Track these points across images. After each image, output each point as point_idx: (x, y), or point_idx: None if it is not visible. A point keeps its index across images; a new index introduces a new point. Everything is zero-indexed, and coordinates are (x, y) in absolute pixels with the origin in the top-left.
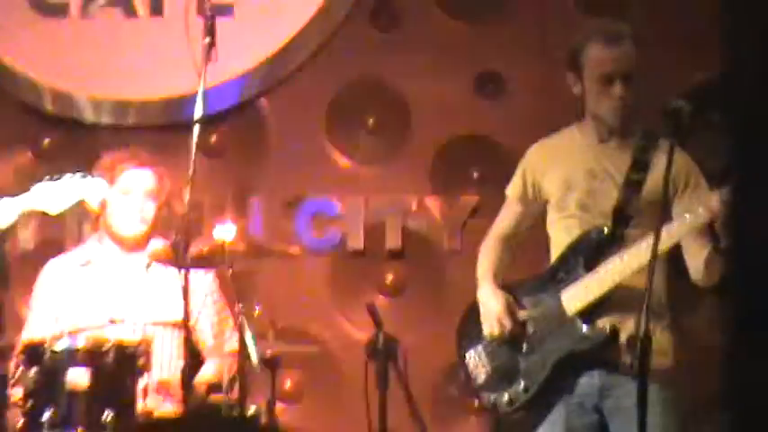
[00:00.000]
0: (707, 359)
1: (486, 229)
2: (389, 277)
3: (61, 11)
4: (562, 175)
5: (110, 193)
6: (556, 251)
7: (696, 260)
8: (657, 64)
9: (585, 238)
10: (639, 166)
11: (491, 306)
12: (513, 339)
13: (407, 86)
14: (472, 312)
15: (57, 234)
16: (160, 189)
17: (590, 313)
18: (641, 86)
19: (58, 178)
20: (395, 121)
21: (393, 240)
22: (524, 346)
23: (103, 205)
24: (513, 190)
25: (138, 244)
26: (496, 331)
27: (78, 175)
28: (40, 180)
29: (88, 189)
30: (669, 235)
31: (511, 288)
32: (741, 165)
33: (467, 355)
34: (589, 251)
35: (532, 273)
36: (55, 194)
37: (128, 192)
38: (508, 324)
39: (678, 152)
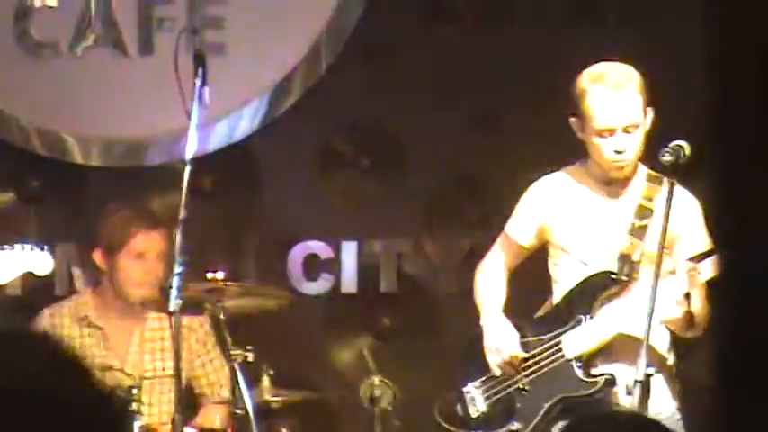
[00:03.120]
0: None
1: None
2: (384, 321)
3: (50, 50)
4: (567, 217)
5: (120, 257)
6: (559, 293)
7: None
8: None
9: (589, 283)
10: (644, 212)
11: (498, 337)
12: (515, 373)
13: (401, 127)
14: (472, 346)
15: (46, 278)
16: (167, 246)
17: (589, 359)
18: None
19: (7, 248)
20: (389, 163)
21: (388, 283)
22: (521, 386)
23: (111, 266)
24: (513, 226)
25: (151, 302)
26: (504, 359)
27: (27, 247)
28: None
29: (35, 262)
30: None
31: (513, 325)
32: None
33: (464, 389)
34: (593, 296)
35: (531, 310)
36: (3, 264)
37: (141, 256)
38: (513, 356)
39: (683, 194)
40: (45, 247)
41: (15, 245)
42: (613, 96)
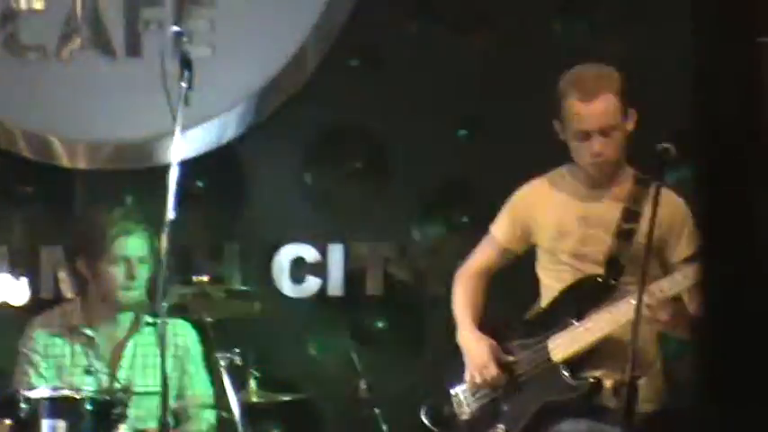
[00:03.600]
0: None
1: None
2: (371, 324)
3: (36, 52)
4: (554, 221)
5: (103, 264)
6: (546, 296)
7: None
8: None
9: (577, 287)
10: (631, 215)
11: (474, 353)
12: (496, 385)
13: (388, 130)
14: (458, 351)
15: (32, 281)
16: (148, 248)
17: (575, 362)
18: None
19: None
20: (375, 166)
21: (374, 286)
22: (508, 389)
23: (95, 272)
24: (499, 228)
25: (138, 307)
26: (479, 379)
27: (6, 275)
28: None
29: (13, 291)
30: (661, 291)
31: (498, 328)
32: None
33: (453, 391)
34: (580, 299)
35: (519, 313)
36: None
37: (123, 260)
38: (492, 372)
39: (671, 196)
40: (20, 277)
41: None
42: (588, 100)
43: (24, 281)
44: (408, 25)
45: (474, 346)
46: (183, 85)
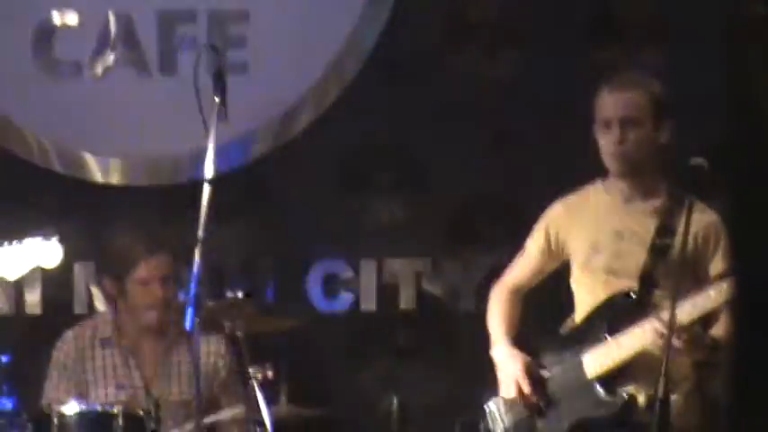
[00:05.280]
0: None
1: None
2: (403, 339)
3: (71, 69)
4: (588, 236)
5: (128, 283)
6: (580, 310)
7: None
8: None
9: (611, 302)
10: (666, 231)
11: (509, 368)
12: (531, 401)
13: (421, 146)
14: (493, 366)
15: (66, 296)
16: (172, 267)
17: (610, 378)
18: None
19: (17, 242)
20: (409, 181)
21: (407, 302)
22: (542, 405)
23: (121, 292)
24: (534, 243)
25: (165, 324)
26: (513, 394)
27: (37, 238)
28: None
29: (44, 254)
30: (694, 307)
31: (531, 344)
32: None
33: (487, 406)
34: (614, 315)
35: (553, 328)
36: (12, 259)
37: (145, 282)
38: (527, 388)
39: (705, 212)
40: (53, 238)
41: (23, 239)
42: (614, 91)
43: (55, 241)
44: (443, 40)
45: (508, 361)
46: (217, 101)
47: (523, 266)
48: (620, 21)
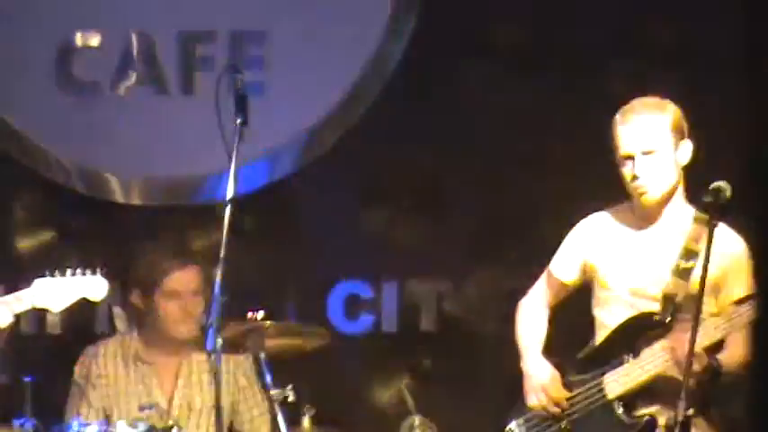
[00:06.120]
0: None
1: None
2: (424, 361)
3: (92, 89)
4: (611, 256)
5: (156, 296)
6: (602, 332)
7: (732, 351)
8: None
9: (632, 324)
10: (689, 254)
11: (536, 375)
12: (555, 413)
13: (442, 167)
14: (514, 384)
15: (87, 316)
16: (201, 282)
17: (630, 399)
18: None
19: (60, 274)
20: (429, 202)
21: (428, 323)
22: (563, 424)
23: (149, 306)
24: (557, 263)
25: (191, 340)
26: (542, 402)
27: (79, 272)
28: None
29: (90, 287)
30: (716, 329)
31: (554, 364)
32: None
33: (508, 427)
34: (636, 337)
35: (574, 350)
36: (57, 292)
37: (176, 294)
38: (554, 395)
39: (730, 236)
40: (98, 271)
41: (68, 271)
42: (632, 121)
43: (100, 276)
44: (464, 62)
45: (537, 369)
46: (238, 121)
47: (547, 285)
48: (639, 41)
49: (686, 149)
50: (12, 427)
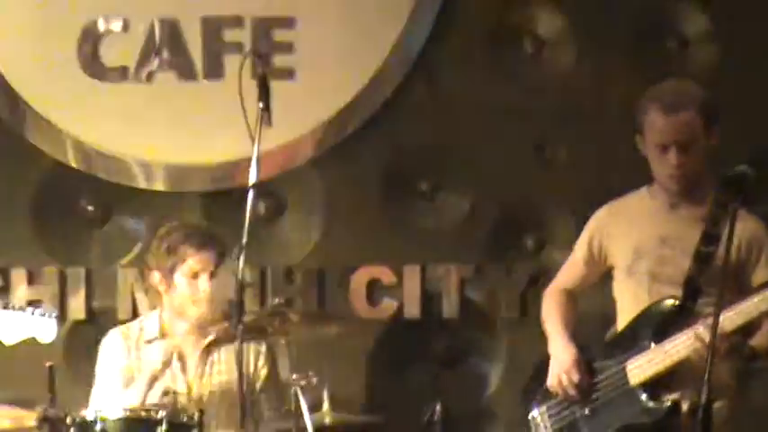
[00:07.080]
0: None
1: None
2: (446, 346)
3: (116, 74)
4: (632, 242)
5: (176, 277)
6: (623, 318)
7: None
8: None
9: (655, 310)
10: (710, 238)
11: (562, 356)
12: (578, 396)
13: (465, 153)
14: (538, 372)
15: (109, 303)
16: (220, 265)
17: (653, 385)
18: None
19: (17, 308)
20: (452, 188)
21: (450, 309)
22: (587, 411)
23: (169, 286)
24: (580, 249)
25: (209, 322)
26: (564, 383)
27: (36, 310)
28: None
29: (41, 328)
30: (737, 315)
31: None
32: None
33: (531, 414)
34: (658, 323)
35: (597, 336)
36: (9, 325)
37: (195, 276)
38: (576, 378)
39: (750, 220)
40: (52, 315)
41: (26, 308)
42: (669, 114)
43: (53, 319)
44: (487, 47)
45: (562, 352)
46: (262, 106)
47: (570, 272)
48: (669, 23)
49: (715, 135)
50: (35, 410)
